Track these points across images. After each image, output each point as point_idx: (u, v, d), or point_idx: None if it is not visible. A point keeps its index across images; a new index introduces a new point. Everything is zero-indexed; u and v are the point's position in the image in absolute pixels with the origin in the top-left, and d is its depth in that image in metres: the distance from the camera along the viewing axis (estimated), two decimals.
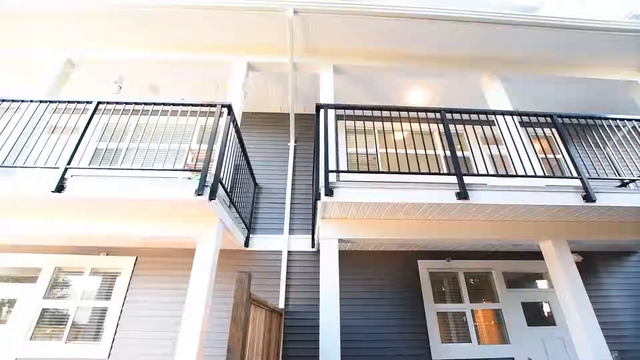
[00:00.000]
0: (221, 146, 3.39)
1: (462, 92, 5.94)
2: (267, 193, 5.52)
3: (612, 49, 5.34)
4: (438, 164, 3.50)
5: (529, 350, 4.71)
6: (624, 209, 3.57)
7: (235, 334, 2.12)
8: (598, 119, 4.11)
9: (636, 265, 5.51)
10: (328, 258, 3.37)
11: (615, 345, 4.79)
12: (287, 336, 4.47)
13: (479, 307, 5.05)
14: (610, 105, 6.38)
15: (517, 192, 3.37)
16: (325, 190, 3.11)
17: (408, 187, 3.23)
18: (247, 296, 2.26)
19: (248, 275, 2.29)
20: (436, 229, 3.74)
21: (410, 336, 4.65)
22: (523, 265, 5.31)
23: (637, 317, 5.06)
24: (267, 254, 4.98)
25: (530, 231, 3.85)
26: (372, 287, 4.95)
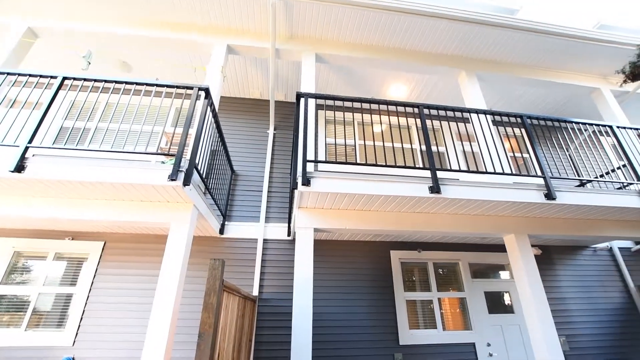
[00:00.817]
0: (197, 130, 3.30)
1: (440, 89, 6.09)
2: (244, 180, 5.46)
3: (580, 56, 5.64)
4: (414, 158, 3.59)
5: (489, 335, 5.04)
6: (580, 207, 3.84)
7: (206, 320, 2.12)
8: (563, 121, 4.35)
9: (586, 259, 5.98)
10: (303, 246, 3.41)
11: (564, 330, 5.24)
12: (261, 322, 4.52)
13: (446, 295, 5.31)
14: (578, 109, 6.77)
15: (485, 188, 3.53)
16: (302, 180, 3.12)
17: (384, 180, 3.30)
18: (220, 283, 2.25)
19: (221, 262, 2.28)
20: (409, 221, 3.86)
21: (380, 322, 4.83)
22: (488, 257, 5.63)
23: (583, 305, 5.53)
24: (243, 242, 4.95)
25: (496, 225, 4.07)
26: (346, 276, 5.07)
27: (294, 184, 3.19)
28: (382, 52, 5.18)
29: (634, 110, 6.63)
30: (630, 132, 4.70)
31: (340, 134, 5.79)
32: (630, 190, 4.05)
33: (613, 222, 4.53)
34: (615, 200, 3.89)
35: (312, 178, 3.20)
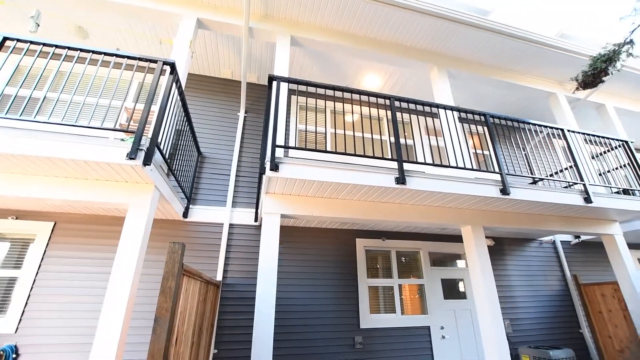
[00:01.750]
0: (161, 107, 3.11)
1: (413, 83, 6.21)
2: (212, 163, 5.28)
3: (541, 61, 5.99)
4: (382, 149, 3.66)
5: (442, 319, 5.38)
6: (531, 202, 4.15)
7: (163, 305, 2.06)
8: (522, 122, 4.62)
9: (533, 251, 6.53)
10: (269, 232, 3.39)
11: (508, 314, 5.73)
12: (224, 307, 4.48)
13: (406, 282, 5.58)
14: (536, 112, 7.22)
15: (448, 182, 3.70)
16: (270, 165, 3.07)
17: (352, 169, 3.34)
18: (179, 267, 2.19)
19: (181, 246, 2.20)
20: (375, 211, 3.96)
21: (342, 307, 4.98)
22: (446, 246, 5.95)
23: (527, 292, 6.07)
24: (208, 226, 4.83)
25: (455, 217, 4.29)
26: (312, 262, 5.14)
27: (262, 169, 3.13)
28: (358, 41, 5.16)
29: (584, 116, 7.20)
30: (579, 136, 5.11)
31: (313, 121, 5.75)
32: (574, 189, 4.43)
33: (558, 217, 4.95)
34: (561, 197, 4.24)
35: (281, 164, 3.16)
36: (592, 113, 7.08)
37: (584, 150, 5.07)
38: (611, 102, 6.94)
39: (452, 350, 5.20)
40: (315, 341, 4.70)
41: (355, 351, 4.77)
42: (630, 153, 5.15)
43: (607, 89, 6.79)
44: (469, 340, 5.35)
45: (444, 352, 5.13)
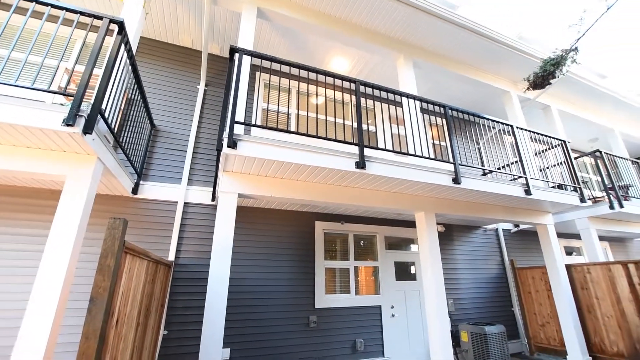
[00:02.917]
0: (105, 71, 2.80)
1: (379, 71, 6.22)
2: (167, 137, 4.95)
3: (500, 60, 6.30)
4: (345, 134, 3.66)
5: (393, 299, 5.70)
6: (480, 192, 4.43)
7: (100, 284, 1.92)
8: (478, 117, 4.86)
9: (478, 237, 7.08)
10: (225, 212, 3.28)
11: (453, 294, 6.21)
12: (176, 288, 4.33)
13: (362, 264, 5.78)
14: (493, 108, 7.60)
15: (406, 169, 3.82)
16: (228, 142, 2.94)
17: (313, 151, 3.31)
18: (120, 244, 2.04)
19: (122, 222, 2.05)
20: (335, 194, 3.99)
21: (299, 288, 5.06)
22: (401, 231, 6.24)
23: (470, 274, 6.60)
24: (160, 204, 4.57)
25: (411, 203, 4.48)
26: (270, 243, 5.12)
27: (219, 145, 2.99)
28: (329, 21, 5.02)
29: (532, 116, 7.77)
30: (526, 133, 5.51)
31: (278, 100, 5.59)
32: (518, 182, 4.81)
33: (502, 207, 5.37)
34: (505, 189, 4.58)
35: (240, 141, 3.04)
36: (539, 113, 7.66)
37: (529, 147, 5.50)
38: (556, 104, 7.56)
39: (400, 327, 5.56)
40: (271, 321, 4.74)
41: (309, 330, 4.90)
42: (567, 152, 5.69)
43: (553, 91, 7.36)
44: (416, 319, 5.73)
45: (392, 329, 5.46)
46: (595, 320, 5.43)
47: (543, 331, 6.16)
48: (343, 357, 4.98)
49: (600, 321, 5.37)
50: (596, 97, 8.04)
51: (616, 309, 5.18)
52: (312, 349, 4.82)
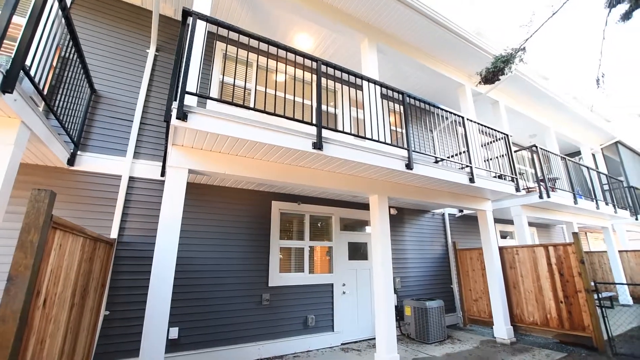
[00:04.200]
0: (30, 19, 2.43)
1: (343, 52, 6.15)
2: (110, 104, 4.50)
3: (458, 53, 6.56)
4: (303, 113, 3.61)
5: (345, 277, 5.94)
6: (430, 178, 4.68)
7: (21, 261, 1.73)
8: (433, 106, 5.06)
9: (426, 221, 7.56)
10: (174, 187, 3.11)
11: (400, 273, 6.64)
12: (120, 267, 4.09)
13: (317, 244, 5.91)
14: (448, 100, 7.93)
15: (362, 152, 3.89)
16: (178, 113, 2.74)
17: (270, 129, 3.22)
18: (46, 219, 1.84)
19: (49, 194, 1.84)
20: (292, 174, 3.97)
21: (253, 267, 5.05)
22: (356, 213, 6.44)
23: (416, 255, 7.08)
24: (102, 177, 4.21)
25: (365, 186, 4.61)
26: (224, 222, 5.00)
27: (167, 116, 2.78)
28: None
29: (482, 110, 8.27)
30: (475, 125, 5.87)
31: (235, 74, 5.31)
32: (464, 171, 5.16)
33: (449, 193, 5.76)
34: (453, 176, 4.90)
35: (191, 113, 2.85)
36: (488, 108, 8.18)
37: (476, 139, 5.88)
38: (504, 100, 8.13)
39: (350, 304, 5.84)
40: (223, 299, 4.71)
41: (262, 307, 4.95)
42: (508, 145, 6.20)
43: (503, 87, 7.89)
44: (365, 295, 6.06)
45: (343, 305, 5.72)
46: (518, 295, 6.17)
47: (476, 305, 6.88)
48: (294, 332, 5.13)
49: (522, 295, 6.11)
50: (538, 97, 8.79)
51: (536, 285, 5.92)
52: (264, 326, 4.90)
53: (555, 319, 5.58)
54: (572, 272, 5.46)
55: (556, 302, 5.60)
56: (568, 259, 5.54)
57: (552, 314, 5.64)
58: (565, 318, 5.45)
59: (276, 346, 4.90)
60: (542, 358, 4.73)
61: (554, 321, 5.59)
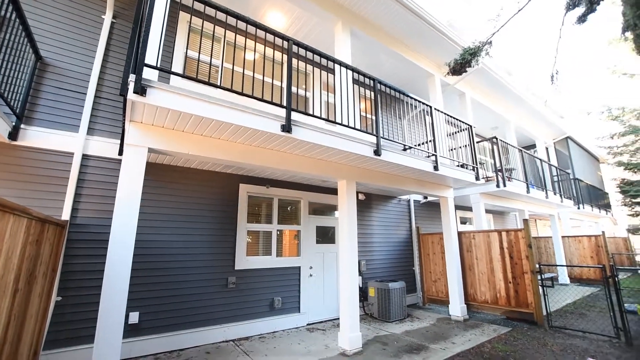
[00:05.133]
0: None
1: (316, 33, 6.00)
2: (60, 74, 4.10)
3: (430, 43, 6.66)
4: (272, 95, 3.51)
5: (312, 260, 6.03)
6: (397, 165, 4.80)
7: None
8: (404, 94, 5.14)
9: (393, 206, 7.82)
10: (131, 167, 2.93)
11: (366, 256, 6.86)
12: (73, 250, 3.86)
13: (284, 228, 5.92)
14: (419, 90, 8.06)
15: (332, 137, 3.88)
16: (135, 87, 2.55)
17: (237, 108, 3.10)
18: None
19: None
20: (260, 157, 3.88)
21: (219, 250, 4.97)
22: (325, 197, 6.50)
23: (382, 238, 7.34)
24: (51, 154, 3.87)
25: (334, 171, 4.64)
26: (190, 204, 4.84)
27: (123, 90, 2.58)
28: None
29: (449, 101, 8.55)
30: (442, 115, 6.06)
31: (205, 50, 5.03)
32: (430, 159, 5.34)
33: (414, 180, 5.96)
34: (419, 164, 5.05)
35: (150, 88, 2.67)
36: (455, 99, 8.47)
37: (443, 128, 6.09)
38: (470, 93, 8.45)
39: (317, 286, 5.97)
40: (187, 283, 4.61)
41: (227, 290, 4.92)
42: (471, 136, 6.49)
43: (470, 80, 8.18)
44: (332, 278, 6.21)
45: (309, 288, 5.84)
46: (473, 276, 6.64)
47: (435, 286, 7.31)
48: (261, 314, 5.18)
49: (476, 277, 6.58)
50: (501, 91, 9.23)
51: (489, 267, 6.39)
52: (230, 309, 4.88)
53: (504, 298, 6.10)
54: (520, 255, 5.94)
55: (505, 282, 6.10)
56: (518, 244, 6.01)
57: (501, 293, 6.14)
58: (512, 296, 5.97)
59: (242, 328, 4.92)
60: (490, 333, 5.17)
61: (503, 299, 6.10)
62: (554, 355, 4.12)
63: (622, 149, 19.71)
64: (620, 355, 4.11)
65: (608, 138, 20.20)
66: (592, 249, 10.44)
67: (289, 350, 4.40)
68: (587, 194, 12.68)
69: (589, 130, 21.97)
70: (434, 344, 4.64)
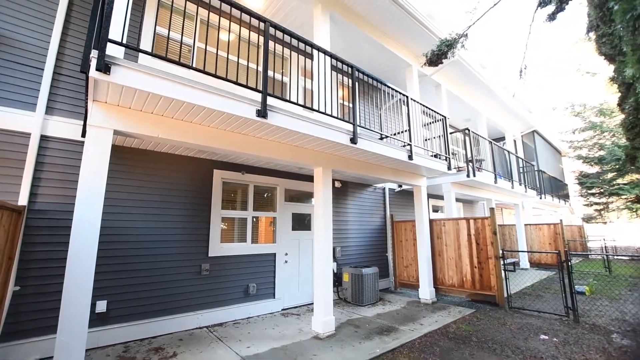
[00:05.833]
0: None
1: (294, 17, 5.83)
2: (12, 47, 3.74)
3: (409, 33, 6.69)
4: (247, 79, 3.40)
5: (288, 247, 6.07)
6: (373, 153, 4.86)
7: None
8: (382, 83, 5.17)
9: (368, 194, 7.96)
10: (96, 149, 2.77)
11: (341, 242, 6.98)
12: (32, 237, 3.65)
13: (260, 214, 5.88)
14: (397, 80, 8.11)
15: (308, 124, 3.85)
16: (98, 64, 2.38)
17: (210, 91, 2.99)
18: None
19: None
20: (235, 142, 3.79)
21: (192, 237, 4.87)
22: (302, 185, 6.50)
23: (357, 225, 7.49)
24: (5, 135, 3.59)
25: (310, 158, 4.63)
26: (162, 190, 4.68)
27: (84, 66, 2.40)
28: None
29: (426, 92, 8.71)
30: (418, 106, 6.17)
31: (177, 28, 4.77)
32: (405, 148, 5.45)
33: (390, 169, 6.07)
34: (394, 153, 5.14)
35: (115, 65, 2.50)
36: (432, 90, 8.64)
37: (418, 119, 6.21)
38: (446, 84, 8.63)
39: (292, 272, 6.03)
40: (158, 270, 4.51)
41: (201, 277, 4.86)
42: (445, 127, 6.68)
43: (446, 72, 8.35)
44: (307, 264, 6.29)
45: (285, 274, 5.89)
46: (442, 262, 6.95)
47: (406, 271, 7.60)
48: (235, 300, 5.17)
49: (445, 262, 6.90)
50: (475, 84, 9.51)
51: (457, 252, 6.72)
52: (203, 295, 4.84)
53: (469, 281, 6.45)
54: (486, 242, 6.28)
55: (472, 267, 6.45)
56: (484, 231, 6.34)
57: (467, 277, 6.50)
58: (477, 280, 6.33)
59: (216, 314, 4.90)
60: (456, 314, 5.48)
61: (469, 283, 6.46)
62: (511, 334, 4.45)
63: (581, 144, 21.11)
64: (568, 331, 4.51)
65: (570, 133, 21.54)
66: (551, 236, 11.22)
67: (263, 334, 4.45)
68: (549, 185, 13.51)
69: (554, 124, 23.31)
70: (404, 325, 4.85)
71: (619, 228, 20.74)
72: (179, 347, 3.98)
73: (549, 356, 3.67)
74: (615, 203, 20.03)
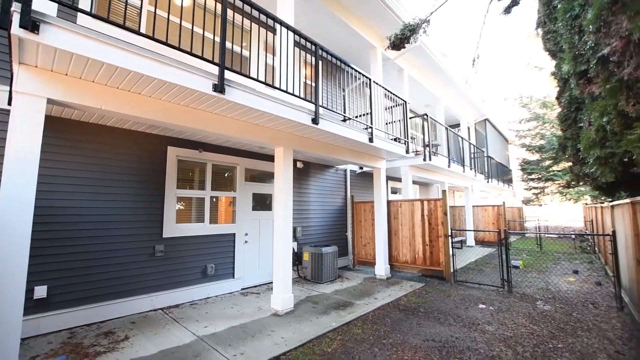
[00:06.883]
0: None
1: None
2: None
3: (375, 15, 6.66)
4: (203, 50, 3.18)
5: (248, 227, 6.01)
6: (333, 135, 4.88)
7: None
8: (345, 64, 5.14)
9: (330, 175, 8.07)
10: (25, 120, 2.46)
11: (302, 222, 7.07)
12: None
13: (219, 194, 5.72)
14: (363, 62, 8.06)
15: (269, 101, 3.74)
16: (22, 20, 2.07)
17: (160, 61, 2.76)
18: None
19: None
20: (189, 117, 3.58)
21: (145, 217, 4.63)
22: (263, 164, 6.40)
23: (319, 206, 7.61)
24: None
25: (271, 137, 4.54)
26: (110, 168, 4.34)
27: (3, 21, 2.08)
28: None
29: (388, 76, 8.83)
30: (380, 89, 6.26)
31: None
32: (366, 131, 5.54)
33: (351, 151, 6.17)
34: (355, 135, 5.22)
35: (45, 24, 2.20)
36: (394, 74, 8.79)
37: (380, 102, 6.31)
38: (408, 69, 8.82)
39: (252, 252, 6.02)
40: (108, 252, 4.25)
41: (155, 259, 4.68)
42: (405, 112, 6.88)
43: (409, 57, 8.51)
44: (268, 244, 6.30)
45: (245, 254, 5.86)
46: (397, 240, 7.36)
47: (364, 249, 7.95)
48: (192, 281, 5.07)
49: (400, 240, 7.31)
50: (436, 71, 9.83)
51: (411, 232, 7.13)
52: (158, 277, 4.68)
53: (421, 258, 6.93)
54: (437, 221, 6.73)
55: (424, 245, 6.91)
56: (436, 211, 6.77)
57: (419, 254, 6.96)
58: (428, 257, 6.82)
59: (172, 296, 4.78)
60: (407, 288, 5.88)
61: (420, 260, 6.93)
62: (454, 304, 4.90)
63: (526, 133, 23.05)
64: (503, 300, 5.07)
65: (517, 122, 23.38)
66: (495, 217, 12.32)
67: (221, 314, 4.45)
68: (495, 170, 14.67)
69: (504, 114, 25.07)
70: (359, 300, 5.12)
71: (552, 210, 23.37)
72: (131, 330, 3.85)
73: (485, 322, 4.12)
74: (550, 188, 22.42)
